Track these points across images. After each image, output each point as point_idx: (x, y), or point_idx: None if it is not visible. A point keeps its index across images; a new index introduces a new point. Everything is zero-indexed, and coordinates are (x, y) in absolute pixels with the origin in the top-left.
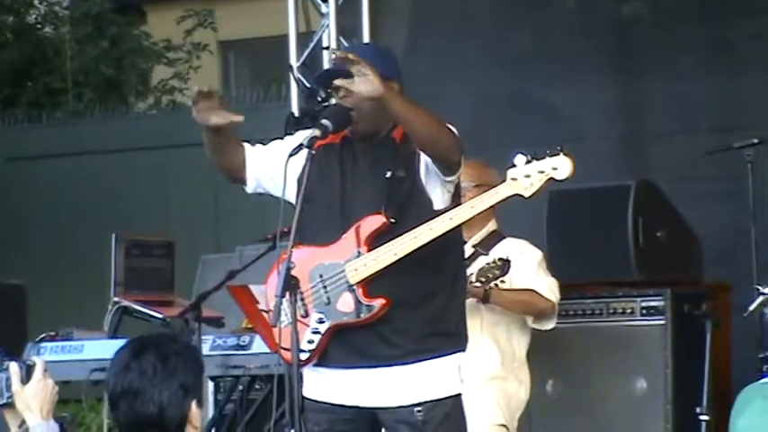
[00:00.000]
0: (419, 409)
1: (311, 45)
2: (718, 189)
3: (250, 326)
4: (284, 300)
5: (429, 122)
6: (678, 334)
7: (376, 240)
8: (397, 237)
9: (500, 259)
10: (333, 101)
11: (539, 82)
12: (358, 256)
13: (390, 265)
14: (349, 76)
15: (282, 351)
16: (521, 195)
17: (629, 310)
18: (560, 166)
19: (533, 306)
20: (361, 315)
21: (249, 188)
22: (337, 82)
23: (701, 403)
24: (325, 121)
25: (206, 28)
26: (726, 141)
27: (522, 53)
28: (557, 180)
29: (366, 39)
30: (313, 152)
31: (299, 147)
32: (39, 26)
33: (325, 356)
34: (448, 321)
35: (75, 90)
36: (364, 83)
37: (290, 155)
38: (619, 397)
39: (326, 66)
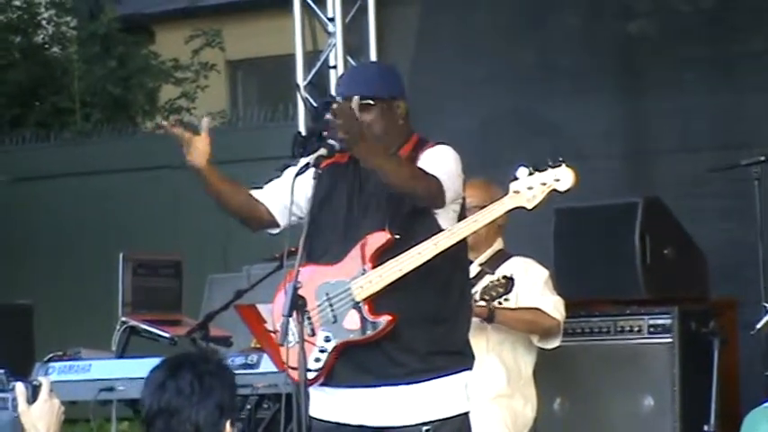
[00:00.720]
0: (427, 428)
1: (318, 64)
2: (725, 206)
3: (258, 345)
4: (291, 319)
5: (404, 176)
6: (685, 351)
7: (381, 257)
8: (402, 253)
9: (504, 277)
10: None
11: (544, 100)
12: (363, 274)
13: (396, 281)
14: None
15: (290, 370)
16: (524, 207)
17: (636, 328)
18: (562, 178)
19: (538, 325)
20: (367, 332)
21: (282, 225)
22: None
23: (708, 421)
24: (331, 141)
25: (214, 47)
26: (732, 159)
27: (527, 71)
28: (559, 192)
29: (373, 57)
30: (320, 171)
31: (306, 166)
32: (46, 46)
33: (331, 375)
34: (454, 340)
35: (82, 110)
36: (345, 136)
37: (297, 174)
38: (626, 415)
39: (333, 85)
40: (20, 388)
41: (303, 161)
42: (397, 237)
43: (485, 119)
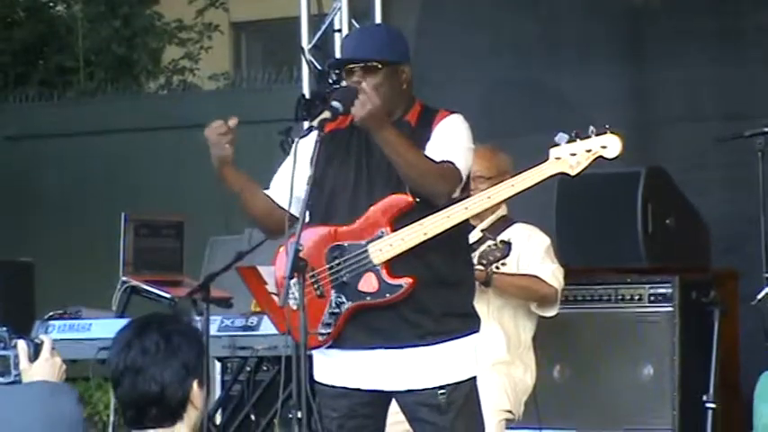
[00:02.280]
0: (442, 391)
1: (323, 27)
2: (728, 177)
3: (259, 308)
4: (293, 281)
5: (414, 162)
6: (686, 321)
7: (398, 221)
8: (420, 217)
9: (501, 241)
10: (344, 83)
11: (549, 68)
12: (381, 236)
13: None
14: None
15: (294, 332)
16: (566, 174)
17: (637, 297)
18: (610, 145)
19: (535, 292)
20: (387, 295)
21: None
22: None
23: (707, 391)
24: (335, 103)
25: (217, 8)
26: (736, 130)
27: (532, 39)
28: (606, 158)
29: (378, 21)
30: (323, 134)
31: (309, 129)
32: (51, 5)
33: (341, 338)
34: (464, 302)
35: (86, 69)
36: (363, 108)
37: (301, 137)
38: (626, 383)
39: (338, 48)
40: (22, 345)
41: (306, 125)
42: (418, 201)
43: (489, 87)
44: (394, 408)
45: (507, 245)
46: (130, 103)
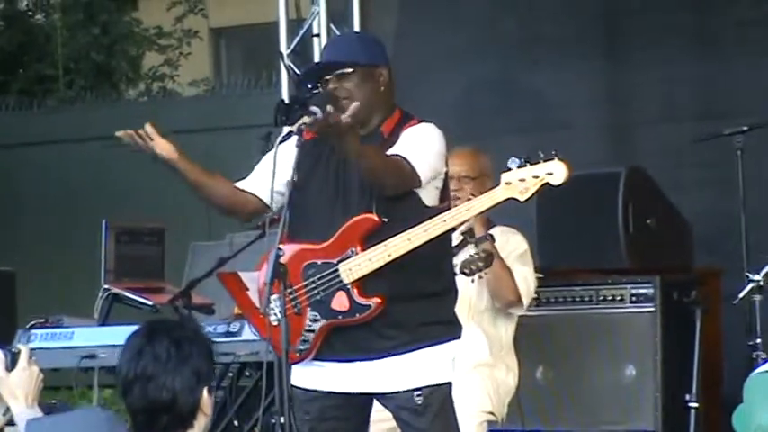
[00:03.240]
0: (419, 393)
1: (301, 32)
2: (708, 176)
3: (240, 313)
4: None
5: (374, 166)
6: (668, 321)
7: (368, 240)
8: (390, 234)
9: (485, 251)
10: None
11: (527, 68)
12: (351, 256)
13: (384, 265)
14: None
15: (276, 345)
16: (516, 199)
17: (618, 297)
18: (555, 171)
19: (502, 288)
20: (357, 315)
21: (275, 206)
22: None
23: (690, 390)
24: (314, 108)
25: (197, 15)
26: (715, 128)
27: (510, 39)
28: (552, 185)
29: (356, 25)
30: (303, 139)
31: (289, 134)
32: (30, 13)
33: (319, 352)
34: (445, 310)
35: (66, 77)
36: (333, 117)
37: (280, 142)
38: (608, 384)
39: (316, 53)
40: None
41: (286, 129)
42: (385, 221)
43: (468, 87)
44: (377, 406)
45: (489, 255)
46: (110, 110)
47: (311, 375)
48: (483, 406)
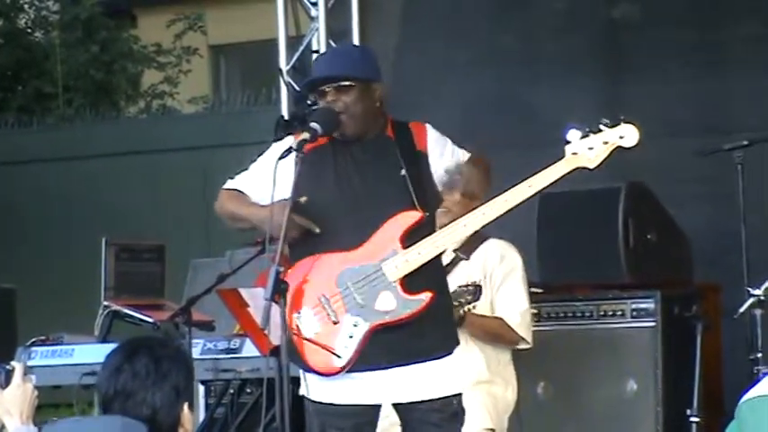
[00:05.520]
0: (457, 398)
1: (301, 48)
2: (708, 191)
3: (241, 330)
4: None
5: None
6: (668, 336)
7: (409, 237)
8: (428, 232)
9: (473, 284)
10: (321, 104)
11: (527, 83)
12: (394, 254)
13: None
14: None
15: (313, 363)
16: (586, 167)
17: (619, 312)
18: (627, 134)
19: (502, 338)
20: (407, 311)
21: None
22: None
23: (691, 405)
24: (314, 124)
25: (196, 32)
26: (715, 143)
27: (510, 54)
28: (624, 148)
29: (356, 41)
30: (302, 155)
31: (289, 150)
32: (29, 31)
33: (360, 360)
34: (452, 317)
35: (65, 95)
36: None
37: (280, 158)
38: (609, 399)
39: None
40: None
41: (285, 145)
42: (427, 215)
43: (468, 102)
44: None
45: (478, 288)
46: (110, 127)
47: (345, 390)
48: (483, 422)
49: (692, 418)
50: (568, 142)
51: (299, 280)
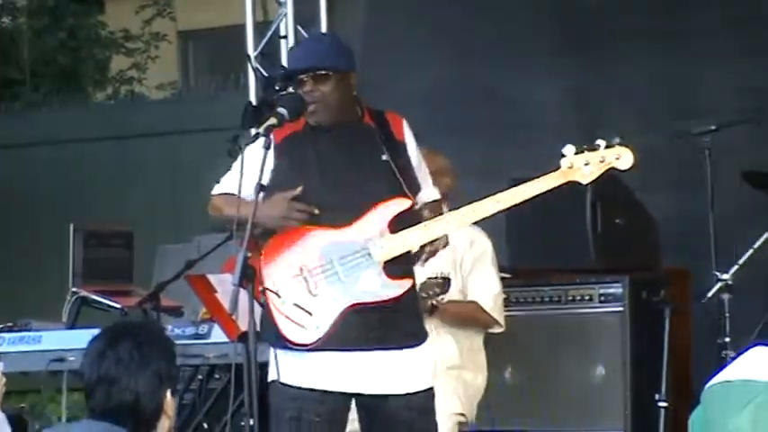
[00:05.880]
0: (431, 392)
1: (269, 34)
2: (677, 176)
3: (209, 316)
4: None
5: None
6: (636, 320)
7: (398, 223)
8: (412, 219)
9: (443, 277)
10: (290, 89)
11: (495, 69)
12: (381, 237)
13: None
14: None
15: (286, 331)
16: (578, 183)
17: (587, 297)
18: (623, 156)
19: (477, 321)
20: (388, 292)
21: None
22: None
23: (659, 390)
24: (281, 110)
25: (164, 18)
26: (683, 128)
27: (477, 40)
28: (618, 170)
29: (323, 27)
30: (270, 140)
31: (256, 135)
32: None
33: (336, 338)
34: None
35: (32, 81)
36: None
37: (247, 144)
38: (577, 384)
39: (284, 55)
40: None
41: (253, 131)
42: (416, 204)
43: (434, 88)
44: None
45: (447, 281)
46: (77, 113)
47: (321, 374)
48: (453, 408)
49: (661, 403)
50: (563, 155)
51: (283, 246)
